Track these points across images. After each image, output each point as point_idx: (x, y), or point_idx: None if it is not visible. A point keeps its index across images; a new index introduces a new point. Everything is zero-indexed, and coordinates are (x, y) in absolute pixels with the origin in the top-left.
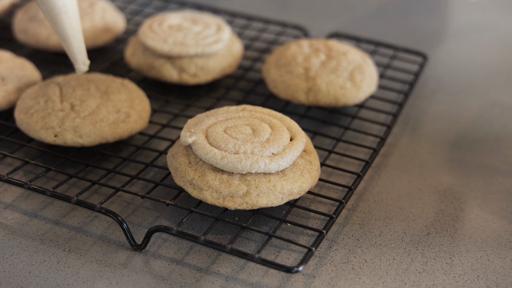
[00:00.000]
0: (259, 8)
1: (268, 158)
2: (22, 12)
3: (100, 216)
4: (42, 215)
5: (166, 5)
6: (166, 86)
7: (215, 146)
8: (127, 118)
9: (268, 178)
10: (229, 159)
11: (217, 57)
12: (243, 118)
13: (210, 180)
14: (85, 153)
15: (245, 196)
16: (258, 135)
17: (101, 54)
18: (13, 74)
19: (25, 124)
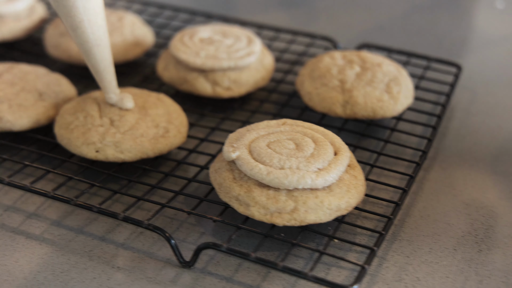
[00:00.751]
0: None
1: (314, 174)
2: (52, 27)
3: (145, 232)
4: (88, 231)
5: (193, 18)
6: (198, 99)
7: (259, 161)
8: (166, 133)
9: (315, 194)
10: (275, 175)
11: (249, 70)
12: (285, 133)
13: (256, 196)
14: (126, 168)
15: (293, 212)
16: (302, 149)
17: (132, 68)
18: (50, 89)
19: (66, 140)
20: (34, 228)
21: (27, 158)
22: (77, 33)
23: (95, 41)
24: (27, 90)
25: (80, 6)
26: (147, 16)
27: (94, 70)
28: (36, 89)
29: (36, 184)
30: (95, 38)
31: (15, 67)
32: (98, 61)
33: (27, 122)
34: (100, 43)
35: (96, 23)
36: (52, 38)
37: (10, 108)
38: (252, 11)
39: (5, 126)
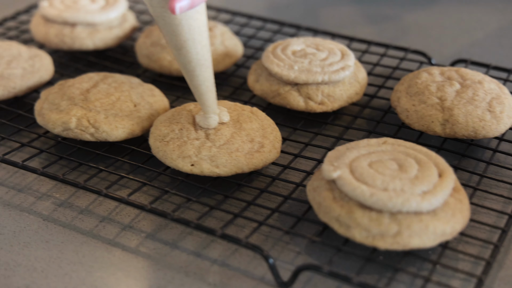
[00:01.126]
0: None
1: (419, 197)
2: (143, 36)
3: (240, 249)
4: (183, 246)
5: (281, 29)
6: (290, 113)
7: (361, 181)
8: (261, 148)
9: (419, 218)
10: (378, 197)
11: (343, 85)
12: (387, 152)
13: (358, 217)
14: (220, 183)
15: (396, 236)
16: (406, 171)
17: (222, 80)
18: (144, 100)
19: (162, 152)
20: (130, 240)
21: (121, 168)
22: (181, 53)
23: (199, 61)
24: (122, 100)
25: (185, 24)
26: (235, 26)
27: (197, 91)
28: (131, 99)
29: (132, 196)
30: (198, 58)
31: (110, 77)
32: (200, 82)
33: (122, 132)
34: (204, 63)
35: (200, 42)
36: (144, 47)
37: (106, 118)
38: (339, 26)
39: (101, 136)
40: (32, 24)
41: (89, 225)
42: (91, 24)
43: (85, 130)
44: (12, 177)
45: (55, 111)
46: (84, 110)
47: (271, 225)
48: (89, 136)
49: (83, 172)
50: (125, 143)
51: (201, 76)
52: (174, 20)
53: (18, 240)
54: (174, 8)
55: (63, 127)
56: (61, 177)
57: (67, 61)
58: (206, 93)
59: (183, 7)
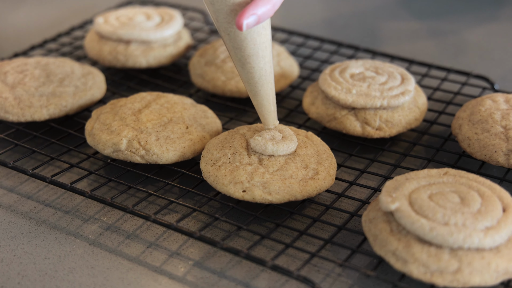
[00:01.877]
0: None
1: (482, 232)
2: (198, 55)
3: (291, 280)
4: (231, 276)
5: (338, 49)
6: (345, 138)
7: (421, 214)
8: (316, 175)
9: (481, 255)
10: (439, 231)
11: (402, 110)
12: (448, 184)
13: (416, 252)
14: (272, 210)
15: (456, 273)
16: (468, 204)
17: (276, 101)
18: (197, 122)
19: (213, 177)
20: (177, 268)
21: (171, 192)
22: (245, 67)
23: (262, 76)
24: (174, 122)
25: (250, 40)
26: (291, 46)
27: (258, 104)
28: (183, 121)
29: (181, 222)
30: (261, 73)
31: (162, 97)
32: (263, 97)
33: (173, 155)
34: (266, 78)
35: (264, 58)
36: (197, 66)
37: (157, 140)
38: (399, 41)
39: (151, 159)
40: (86, 40)
41: (135, 251)
42: (145, 42)
43: (135, 152)
44: (60, 198)
45: (106, 132)
46: (135, 131)
47: (324, 257)
48: (139, 158)
49: (132, 195)
50: (176, 166)
51: (262, 91)
52: (239, 35)
53: (63, 265)
54: (242, 25)
55: (113, 148)
56: (109, 201)
57: (119, 79)
58: (267, 107)
59: (249, 23)
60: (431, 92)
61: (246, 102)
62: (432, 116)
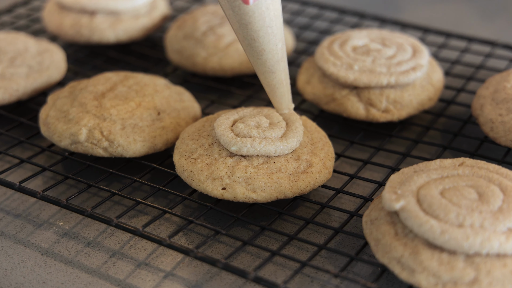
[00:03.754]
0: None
1: (503, 235)
2: (175, 27)
3: None
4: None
5: (341, 18)
6: (347, 123)
7: (431, 215)
8: (309, 168)
9: (503, 262)
10: (451, 235)
11: (413, 88)
12: (464, 177)
13: (425, 260)
14: (257, 211)
15: (473, 284)
16: (487, 201)
17: None
18: (171, 107)
19: (187, 173)
20: (145, 281)
21: (140, 190)
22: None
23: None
24: (144, 107)
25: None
26: (286, 14)
27: (269, 86)
28: (155, 106)
29: (150, 227)
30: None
31: (131, 78)
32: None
33: (142, 147)
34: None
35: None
36: (175, 41)
37: (123, 129)
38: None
39: (116, 151)
40: (45, 11)
41: (96, 261)
42: (113, 13)
43: (97, 143)
44: (8, 200)
45: (62, 120)
46: (97, 119)
47: (318, 267)
48: (101, 151)
49: (94, 194)
50: (145, 160)
51: (274, 70)
52: (246, 10)
53: (10, 280)
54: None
55: (71, 139)
56: (65, 203)
57: (83, 57)
58: (280, 88)
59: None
60: (448, 66)
61: (231, 82)
62: (449, 94)
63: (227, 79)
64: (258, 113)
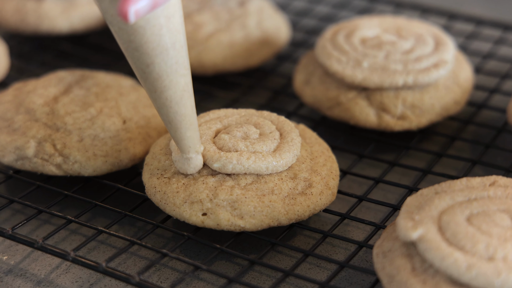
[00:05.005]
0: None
1: None
2: None
3: None
4: None
5: (348, 1)
6: (355, 132)
7: (455, 246)
8: (309, 188)
9: None
10: (480, 270)
11: (436, 89)
12: (496, 200)
13: None
14: (245, 241)
15: None
16: None
17: (256, 79)
18: (139, 114)
19: (160, 195)
20: None
21: (102, 217)
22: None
23: (171, 79)
24: (106, 114)
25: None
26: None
27: (168, 118)
28: (119, 113)
29: (114, 262)
30: (170, 75)
31: (90, 77)
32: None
33: (103, 163)
34: (188, 89)
35: (174, 56)
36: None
37: (80, 141)
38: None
39: (72, 168)
40: None
41: None
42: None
43: (48, 159)
44: None
45: (5, 131)
46: (49, 129)
47: None
48: (54, 169)
49: (45, 222)
50: (108, 179)
51: (175, 99)
52: (130, 29)
53: None
54: (127, 14)
55: (17, 154)
56: (10, 232)
57: (29, 51)
58: (182, 122)
59: (140, 11)
60: (479, 61)
61: (213, 81)
62: (480, 97)
63: (207, 79)
64: (246, 122)
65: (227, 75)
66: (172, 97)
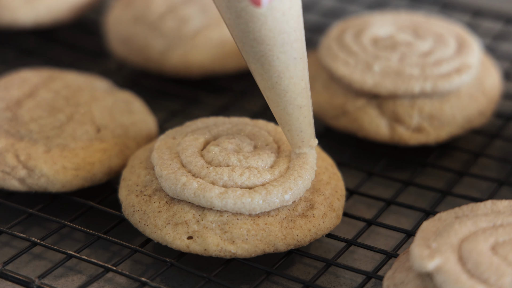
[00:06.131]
0: None
1: None
2: (120, 6)
3: None
4: None
5: None
6: (363, 145)
7: (478, 278)
8: (310, 210)
9: None
10: None
11: (458, 98)
12: None
13: None
14: (236, 269)
15: None
16: None
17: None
18: (115, 121)
19: (139, 214)
20: None
21: (70, 239)
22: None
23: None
24: (78, 121)
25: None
26: None
27: (285, 113)
28: (92, 119)
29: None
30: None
31: (58, 78)
32: (293, 100)
33: (74, 177)
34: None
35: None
36: (120, 25)
37: (47, 152)
38: None
39: (37, 183)
40: None
41: None
42: None
43: (10, 172)
44: None
45: None
46: (11, 137)
47: None
48: (17, 183)
49: (5, 244)
50: (79, 196)
51: (294, 90)
52: (255, 15)
53: None
54: None
55: None
56: None
57: None
58: (300, 115)
59: None
60: (508, 65)
61: (201, 84)
62: (509, 107)
63: (194, 82)
64: (239, 132)
65: (217, 78)
66: (288, 88)
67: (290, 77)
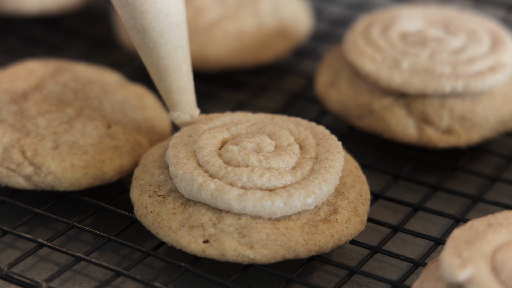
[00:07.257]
0: None
1: None
2: None
3: None
4: None
5: None
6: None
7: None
8: (333, 215)
9: None
10: None
11: (491, 99)
12: None
13: None
14: (255, 275)
15: None
16: None
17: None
18: (127, 117)
19: (152, 216)
20: None
21: (79, 241)
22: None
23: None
24: (87, 116)
25: None
26: None
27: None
28: (103, 115)
29: None
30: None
31: (67, 70)
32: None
33: (83, 175)
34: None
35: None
36: None
37: (55, 149)
38: None
39: (44, 181)
40: None
41: None
42: None
43: (16, 169)
44: None
45: None
46: (17, 132)
47: None
48: (22, 181)
49: (10, 245)
50: (88, 196)
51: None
52: None
53: None
54: None
55: None
56: None
57: None
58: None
59: None
60: None
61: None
62: None
63: (210, 76)
64: (259, 131)
65: (234, 73)
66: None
67: (166, 43)
